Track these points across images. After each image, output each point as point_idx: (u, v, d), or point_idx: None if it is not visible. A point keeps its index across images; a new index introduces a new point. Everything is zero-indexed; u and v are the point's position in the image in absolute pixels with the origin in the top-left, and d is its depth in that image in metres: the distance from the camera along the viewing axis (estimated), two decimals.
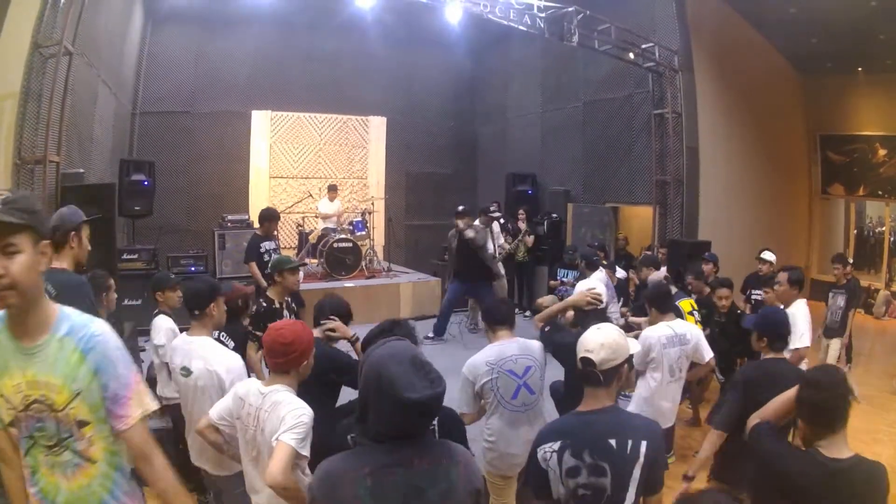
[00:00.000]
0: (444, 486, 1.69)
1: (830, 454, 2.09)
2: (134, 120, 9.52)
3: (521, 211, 9.53)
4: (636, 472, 2.15)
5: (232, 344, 4.21)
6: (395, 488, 1.66)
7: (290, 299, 4.74)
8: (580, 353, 2.20)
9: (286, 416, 2.27)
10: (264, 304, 4.33)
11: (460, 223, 7.54)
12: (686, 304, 5.23)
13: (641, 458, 2.15)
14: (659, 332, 3.92)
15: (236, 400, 2.53)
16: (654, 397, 3.91)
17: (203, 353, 3.04)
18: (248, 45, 10.35)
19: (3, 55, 4.98)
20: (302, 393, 2.50)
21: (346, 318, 3.59)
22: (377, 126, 11.78)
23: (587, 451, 2.15)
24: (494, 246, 8.19)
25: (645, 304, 4.40)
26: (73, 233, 3.10)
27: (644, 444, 2.16)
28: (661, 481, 2.24)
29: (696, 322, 5.00)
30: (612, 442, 2.15)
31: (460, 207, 7.70)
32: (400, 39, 10.94)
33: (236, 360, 3.03)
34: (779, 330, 3.23)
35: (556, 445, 2.18)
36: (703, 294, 6.05)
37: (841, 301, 6.62)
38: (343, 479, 1.67)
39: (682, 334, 3.96)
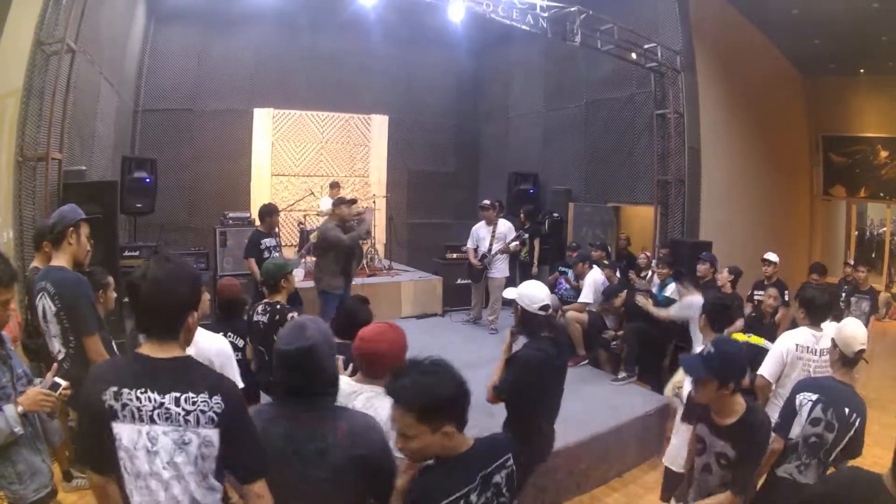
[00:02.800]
0: (321, 445, 1.86)
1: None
2: (136, 117, 9.52)
3: (521, 211, 9.50)
4: (847, 438, 2.84)
5: (242, 342, 4.19)
6: (277, 438, 1.89)
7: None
8: (856, 346, 2.93)
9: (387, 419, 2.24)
10: (293, 317, 3.99)
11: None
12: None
13: (853, 430, 2.84)
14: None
15: None
16: None
17: (194, 340, 3.09)
18: (250, 43, 10.36)
19: (6, 52, 4.98)
20: None
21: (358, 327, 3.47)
22: (379, 124, 11.79)
23: (831, 410, 2.83)
24: (490, 244, 8.14)
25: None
26: (70, 229, 3.12)
27: (860, 420, 2.86)
28: (860, 450, 2.93)
29: None
30: (846, 410, 2.83)
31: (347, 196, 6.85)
32: (402, 38, 10.93)
33: (223, 342, 3.11)
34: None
35: (814, 397, 2.89)
36: None
37: (865, 306, 6.65)
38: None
39: None
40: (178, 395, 1.73)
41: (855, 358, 2.94)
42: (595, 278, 6.75)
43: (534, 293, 3.46)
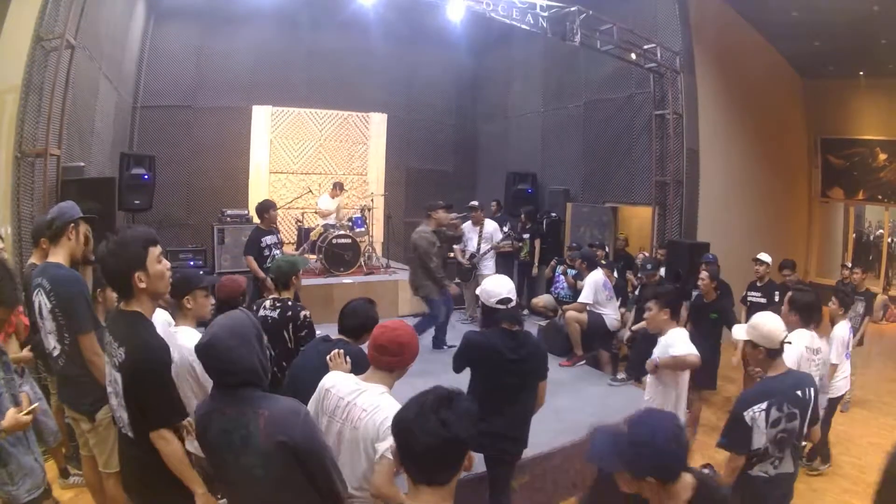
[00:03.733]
0: (244, 432, 2.01)
1: None
2: (135, 114, 9.50)
3: (522, 212, 9.49)
4: (809, 411, 2.93)
5: None
6: (212, 428, 2.07)
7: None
8: (780, 336, 2.92)
9: (385, 422, 2.22)
10: (307, 316, 3.90)
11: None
12: None
13: (812, 401, 2.95)
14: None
15: (318, 390, 2.55)
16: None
17: (180, 343, 3.06)
18: (249, 41, 10.33)
19: (5, 48, 4.98)
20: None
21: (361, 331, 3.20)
22: (378, 123, 11.78)
23: (786, 403, 2.86)
24: (478, 244, 8.16)
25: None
26: (70, 225, 3.12)
27: (812, 390, 2.97)
28: (818, 414, 3.04)
29: None
30: (799, 392, 2.91)
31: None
32: (402, 37, 10.92)
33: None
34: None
35: (764, 405, 2.84)
36: (710, 297, 6.03)
37: (860, 307, 6.74)
38: (194, 415, 2.19)
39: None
40: (112, 339, 2.25)
41: (780, 348, 2.95)
42: (596, 279, 6.71)
43: (492, 288, 3.52)
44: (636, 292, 7.08)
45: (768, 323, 2.97)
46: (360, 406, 2.36)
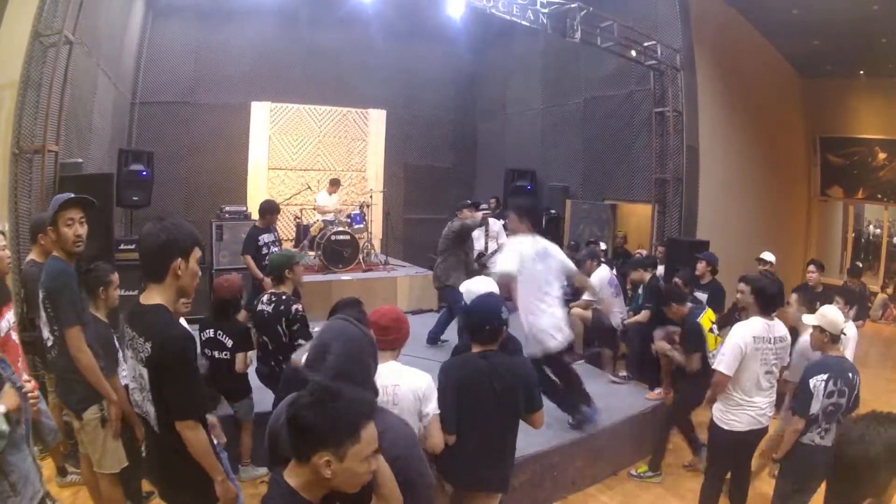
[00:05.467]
0: None
1: None
2: (133, 110, 9.45)
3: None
4: (853, 396, 3.45)
5: (231, 342, 4.17)
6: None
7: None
8: (841, 325, 3.50)
9: (419, 389, 2.57)
10: (298, 310, 4.01)
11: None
12: (706, 319, 4.96)
13: (857, 388, 3.47)
14: None
15: None
16: None
17: None
18: (248, 37, 10.28)
19: (4, 44, 4.95)
20: None
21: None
22: (377, 119, 11.75)
23: (840, 380, 3.39)
24: (486, 243, 8.14)
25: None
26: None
27: (857, 377, 3.47)
28: (859, 402, 3.48)
29: (716, 339, 4.87)
30: (850, 375, 3.43)
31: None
32: (401, 33, 10.89)
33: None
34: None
35: (825, 377, 3.38)
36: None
37: (851, 312, 6.75)
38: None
39: None
40: (136, 335, 2.22)
41: (839, 335, 3.54)
42: (601, 276, 6.68)
43: (477, 288, 3.51)
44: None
45: (831, 314, 3.54)
46: (390, 385, 2.46)
